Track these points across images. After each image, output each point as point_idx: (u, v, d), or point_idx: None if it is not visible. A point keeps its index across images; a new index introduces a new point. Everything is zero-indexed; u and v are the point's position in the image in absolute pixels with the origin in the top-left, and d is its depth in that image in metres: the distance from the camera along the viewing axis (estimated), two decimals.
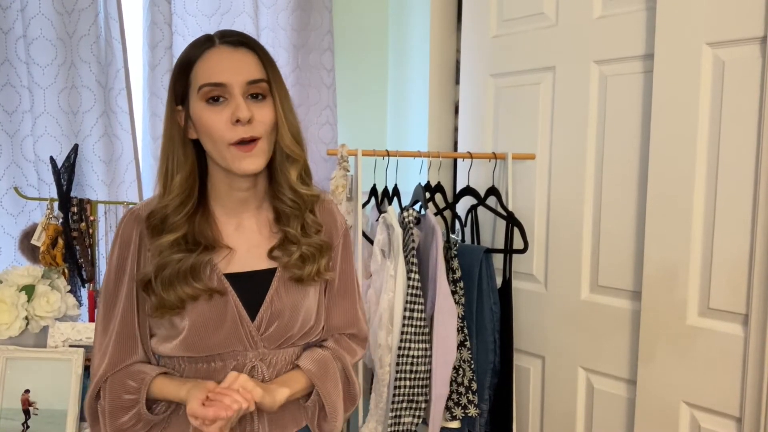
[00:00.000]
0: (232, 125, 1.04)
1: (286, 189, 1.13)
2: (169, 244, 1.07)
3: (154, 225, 1.09)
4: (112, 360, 1.12)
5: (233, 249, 1.13)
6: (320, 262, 1.16)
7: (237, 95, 1.04)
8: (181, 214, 1.08)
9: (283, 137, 1.09)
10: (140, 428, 1.12)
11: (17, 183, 1.78)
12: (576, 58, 1.82)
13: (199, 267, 1.08)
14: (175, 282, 1.06)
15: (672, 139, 1.59)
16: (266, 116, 1.07)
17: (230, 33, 1.10)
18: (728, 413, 1.53)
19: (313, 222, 1.17)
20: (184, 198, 1.09)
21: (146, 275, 1.09)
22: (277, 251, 1.15)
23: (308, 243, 1.15)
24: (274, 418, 1.16)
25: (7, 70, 1.73)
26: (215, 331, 1.10)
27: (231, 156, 1.05)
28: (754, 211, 1.46)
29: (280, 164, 1.12)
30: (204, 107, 1.06)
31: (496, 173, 2.02)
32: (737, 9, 1.47)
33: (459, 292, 1.85)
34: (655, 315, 1.64)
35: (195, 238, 1.09)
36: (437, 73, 2.25)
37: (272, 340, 1.14)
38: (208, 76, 1.05)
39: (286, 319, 1.14)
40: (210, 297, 1.09)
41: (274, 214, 1.17)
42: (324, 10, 2.10)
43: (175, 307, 1.07)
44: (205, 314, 1.09)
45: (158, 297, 1.07)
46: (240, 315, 1.11)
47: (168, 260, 1.07)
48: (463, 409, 1.83)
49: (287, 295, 1.14)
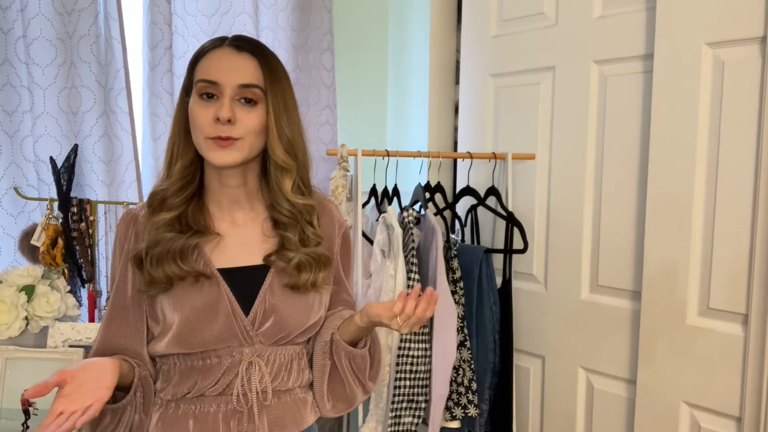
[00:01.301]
0: (213, 122, 1.07)
1: (281, 199, 1.15)
2: (164, 223, 1.11)
3: (155, 205, 1.13)
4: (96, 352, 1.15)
5: (222, 236, 1.16)
6: (317, 274, 1.16)
7: (226, 96, 1.08)
8: (180, 197, 1.13)
9: (273, 148, 1.11)
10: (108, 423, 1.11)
11: (17, 183, 1.78)
12: (576, 58, 1.82)
13: (187, 249, 1.11)
14: (163, 260, 1.09)
15: (672, 139, 1.59)
16: (251, 121, 1.09)
17: (243, 38, 1.14)
18: (728, 413, 1.53)
19: (314, 234, 1.18)
20: (185, 183, 1.13)
21: (139, 251, 1.12)
22: (274, 256, 1.16)
23: (306, 252, 1.16)
24: (273, 418, 1.16)
25: (7, 71, 1.73)
26: (208, 325, 1.10)
27: (206, 146, 1.09)
28: (754, 210, 1.46)
29: (274, 174, 1.14)
30: (197, 101, 1.10)
31: (496, 173, 2.02)
32: (737, 9, 1.47)
33: (459, 292, 1.85)
34: (655, 315, 1.64)
35: (188, 221, 1.13)
36: (437, 73, 2.25)
37: (269, 336, 1.14)
38: (205, 73, 1.10)
39: (282, 315, 1.15)
40: (199, 283, 1.11)
41: (271, 220, 1.18)
42: (324, 10, 2.10)
43: (162, 283, 1.09)
44: (197, 309, 1.10)
45: (147, 273, 1.10)
46: (233, 309, 1.12)
47: (160, 238, 1.10)
48: (463, 409, 1.83)
49: (282, 293, 1.15)
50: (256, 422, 1.14)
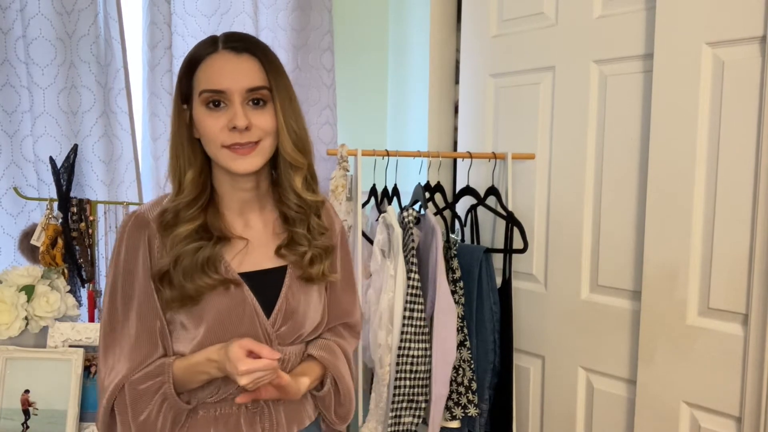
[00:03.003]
0: (228, 131, 1.05)
1: (290, 194, 1.14)
2: (186, 235, 1.08)
3: (167, 221, 1.09)
4: (133, 363, 1.08)
5: (248, 240, 1.14)
6: (325, 263, 1.18)
7: (236, 102, 1.05)
8: (195, 207, 1.09)
9: (284, 145, 1.09)
10: (164, 419, 1.08)
11: (17, 183, 1.78)
12: (576, 58, 1.82)
13: (216, 258, 1.09)
14: (193, 272, 1.06)
15: (672, 138, 1.59)
16: (266, 123, 1.07)
17: (236, 37, 1.10)
18: (728, 413, 1.53)
19: (318, 225, 1.18)
20: (198, 193, 1.10)
21: (163, 267, 1.08)
22: (284, 250, 1.16)
23: (315, 245, 1.16)
24: (289, 413, 1.18)
25: (7, 71, 1.73)
26: (234, 330, 1.10)
27: (224, 156, 1.06)
28: (754, 210, 1.46)
29: (284, 170, 1.12)
30: (204, 111, 1.07)
31: (496, 173, 2.02)
32: (737, 9, 1.47)
33: (459, 292, 1.85)
34: (655, 315, 1.64)
35: (209, 229, 1.10)
36: (437, 73, 2.25)
37: (285, 337, 1.16)
38: (208, 82, 1.06)
39: (300, 316, 1.16)
40: (227, 289, 1.09)
41: (280, 216, 1.18)
42: (324, 10, 2.10)
43: (194, 297, 1.07)
44: (223, 314, 1.10)
45: (178, 287, 1.07)
46: (257, 312, 1.12)
47: (185, 251, 1.07)
48: (463, 409, 1.83)
49: (300, 293, 1.16)
50: (274, 419, 1.15)
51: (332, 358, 1.22)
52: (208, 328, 1.09)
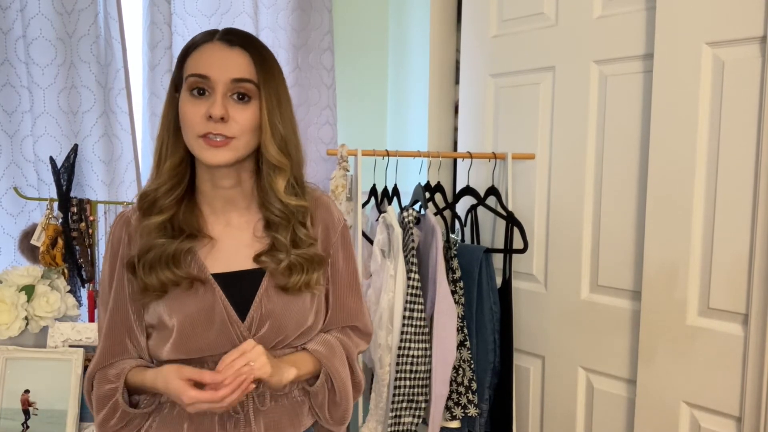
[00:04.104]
0: (205, 120, 1.04)
1: (273, 198, 1.11)
2: (156, 227, 1.08)
3: (145, 207, 1.10)
4: (102, 355, 1.13)
5: (216, 239, 1.13)
6: (311, 274, 1.13)
7: (218, 92, 1.04)
8: (171, 197, 1.09)
9: (266, 146, 1.07)
10: (117, 422, 1.11)
11: (17, 183, 1.78)
12: (576, 58, 1.82)
13: (180, 254, 1.08)
14: (156, 266, 1.07)
15: (672, 139, 1.59)
16: (245, 119, 1.06)
17: (234, 32, 1.10)
18: (728, 413, 1.53)
19: (306, 236, 1.14)
20: (174, 183, 1.10)
21: (132, 257, 1.10)
22: (264, 257, 1.13)
23: (298, 253, 1.12)
24: (270, 422, 1.14)
25: (7, 70, 1.73)
26: (204, 332, 1.09)
27: (197, 145, 1.06)
28: (754, 210, 1.46)
29: (266, 171, 1.10)
30: (187, 98, 1.06)
31: (496, 173, 2.02)
32: (737, 9, 1.47)
33: (459, 292, 1.85)
34: (655, 315, 1.64)
35: (180, 224, 1.10)
36: (437, 73, 2.25)
37: (266, 341, 1.11)
38: (195, 67, 1.06)
39: (279, 319, 1.12)
40: (194, 289, 1.09)
41: (264, 220, 1.15)
42: (324, 10, 2.10)
43: (157, 290, 1.07)
44: (193, 315, 1.08)
45: (141, 280, 1.08)
46: (229, 315, 1.10)
47: (152, 243, 1.08)
48: (463, 409, 1.83)
49: (278, 296, 1.13)
50: (252, 426, 1.12)
51: (328, 353, 1.17)
52: (178, 330, 1.08)
